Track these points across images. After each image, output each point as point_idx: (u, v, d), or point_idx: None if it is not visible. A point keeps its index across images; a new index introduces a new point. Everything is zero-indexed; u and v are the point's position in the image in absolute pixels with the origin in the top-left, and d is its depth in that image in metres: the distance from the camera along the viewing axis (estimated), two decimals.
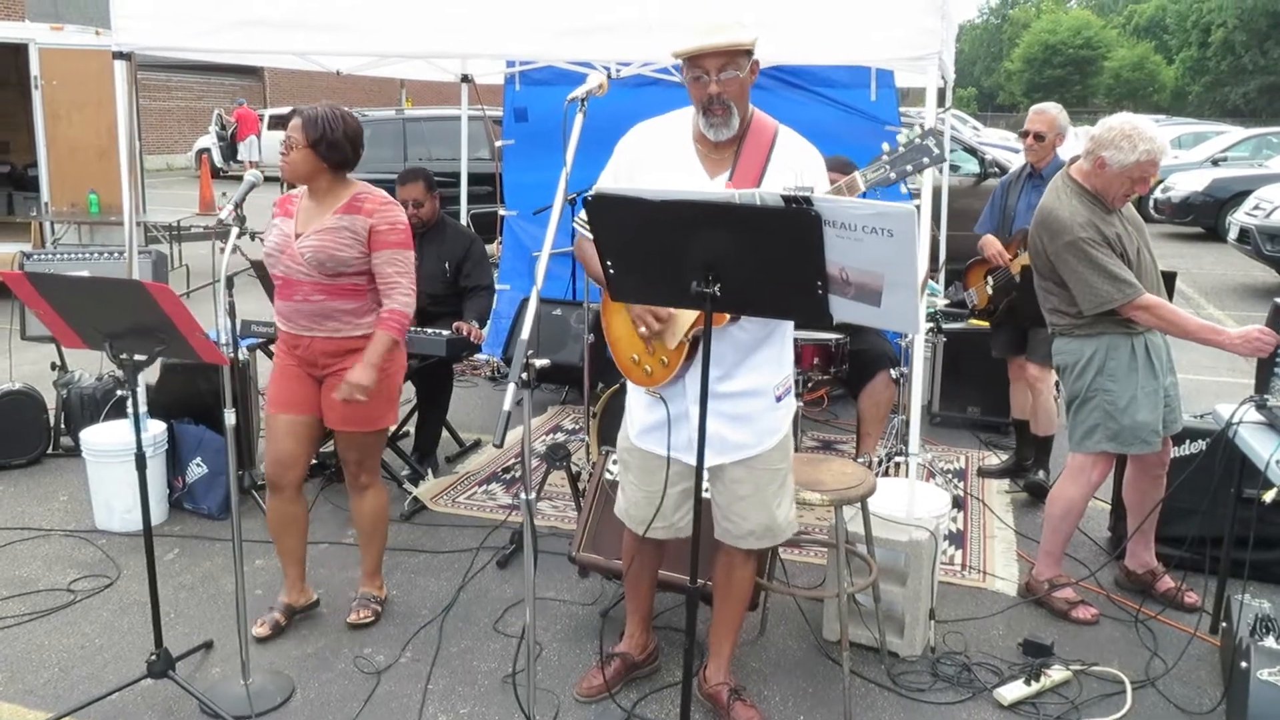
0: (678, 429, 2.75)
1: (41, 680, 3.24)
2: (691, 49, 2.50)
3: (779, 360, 2.78)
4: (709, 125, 2.58)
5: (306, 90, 24.06)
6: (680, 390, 2.74)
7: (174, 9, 4.17)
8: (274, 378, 3.43)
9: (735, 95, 2.54)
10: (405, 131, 10.93)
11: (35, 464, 5.08)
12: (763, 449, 2.77)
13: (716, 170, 2.66)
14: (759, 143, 2.64)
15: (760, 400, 2.73)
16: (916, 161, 2.42)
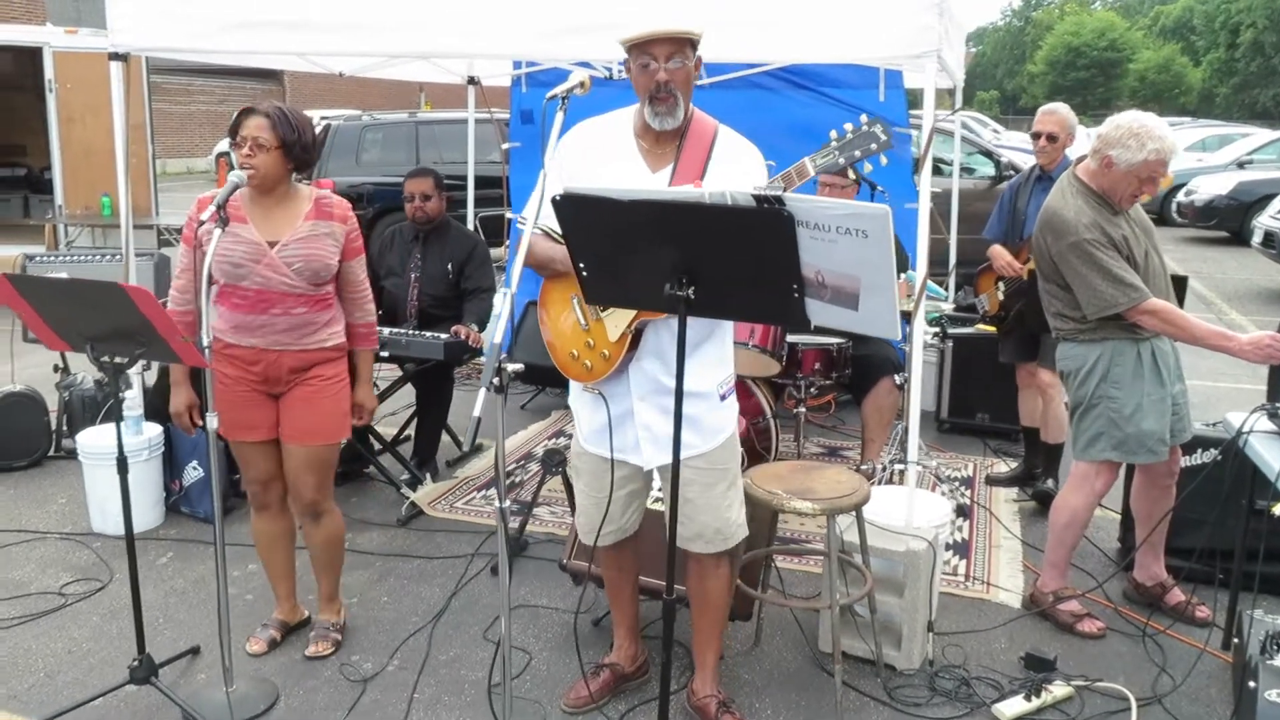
0: (623, 429, 2.72)
1: (26, 685, 3.22)
2: (642, 35, 2.51)
3: (720, 358, 2.76)
4: (654, 114, 2.57)
5: (327, 94, 24.19)
6: (624, 388, 2.71)
7: (171, 10, 4.15)
8: (227, 403, 3.14)
9: (682, 84, 2.55)
10: (418, 134, 10.93)
11: (36, 466, 5.08)
12: (709, 447, 2.73)
13: (659, 165, 2.65)
14: (700, 139, 2.65)
15: (704, 401, 2.68)
16: (864, 147, 2.43)
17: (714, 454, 2.73)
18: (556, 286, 2.76)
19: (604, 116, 2.75)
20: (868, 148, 2.44)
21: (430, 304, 5.00)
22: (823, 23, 3.42)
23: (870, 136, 2.43)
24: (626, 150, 2.68)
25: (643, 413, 2.70)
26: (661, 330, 2.64)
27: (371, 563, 4.09)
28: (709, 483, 2.74)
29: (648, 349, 2.66)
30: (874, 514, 3.38)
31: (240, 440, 3.25)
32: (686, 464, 2.66)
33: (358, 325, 3.32)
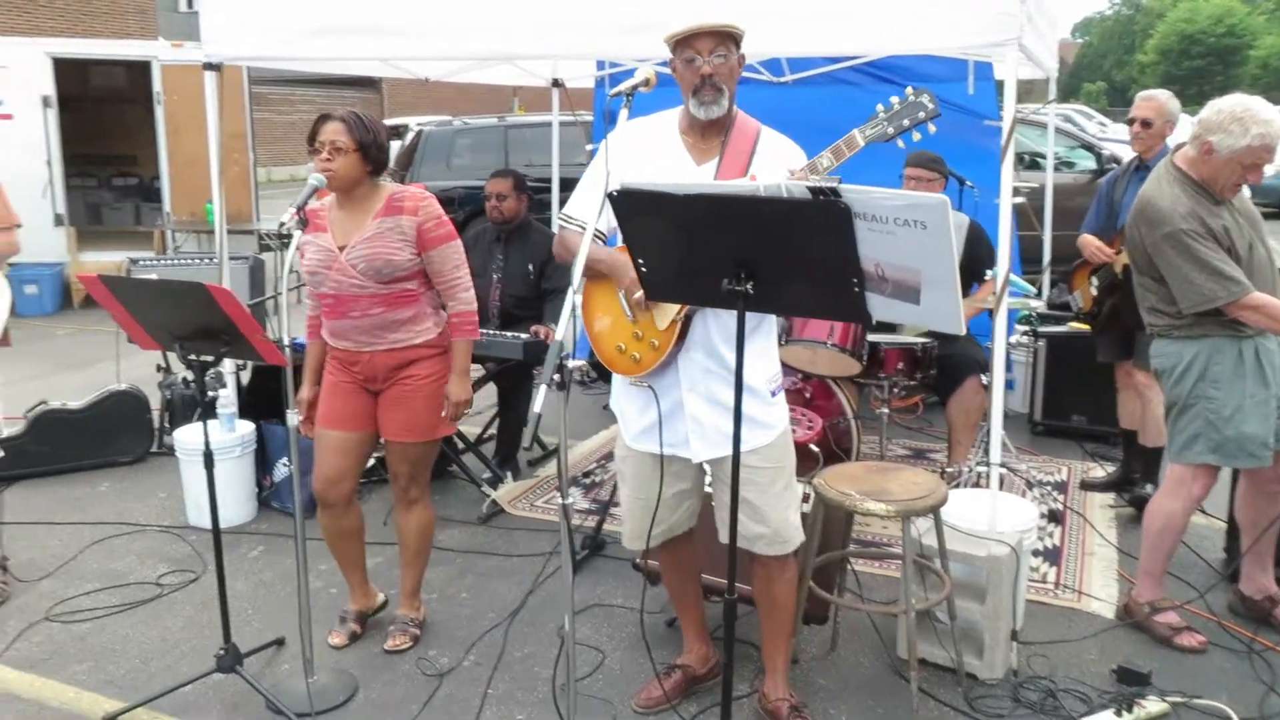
0: (673, 423, 2.68)
1: (122, 670, 3.35)
2: (686, 30, 2.55)
3: (767, 353, 2.74)
4: (699, 104, 2.59)
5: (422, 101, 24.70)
6: (674, 379, 2.68)
7: (258, 20, 4.28)
8: (324, 394, 3.35)
9: (725, 78, 2.58)
10: (507, 138, 11.07)
11: (140, 462, 5.30)
12: (761, 443, 2.67)
13: (703, 159, 2.67)
14: (744, 136, 2.67)
15: (753, 396, 2.63)
16: (913, 116, 2.41)
17: (766, 451, 2.68)
18: (601, 280, 2.76)
19: (649, 116, 2.75)
20: (916, 116, 2.42)
21: (512, 304, 5.06)
22: (896, 13, 3.33)
23: (918, 106, 2.41)
24: (671, 146, 2.68)
25: (691, 405, 2.67)
26: (710, 319, 2.62)
27: (452, 559, 4.15)
28: (764, 482, 2.69)
29: (696, 339, 2.64)
30: (954, 517, 3.29)
31: (325, 429, 3.34)
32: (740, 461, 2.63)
33: (451, 315, 3.30)
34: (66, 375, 7.08)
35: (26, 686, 3.25)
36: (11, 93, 9.38)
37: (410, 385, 3.27)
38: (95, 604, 3.80)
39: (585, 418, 6.04)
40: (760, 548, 2.74)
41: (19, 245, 3.82)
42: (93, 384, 5.58)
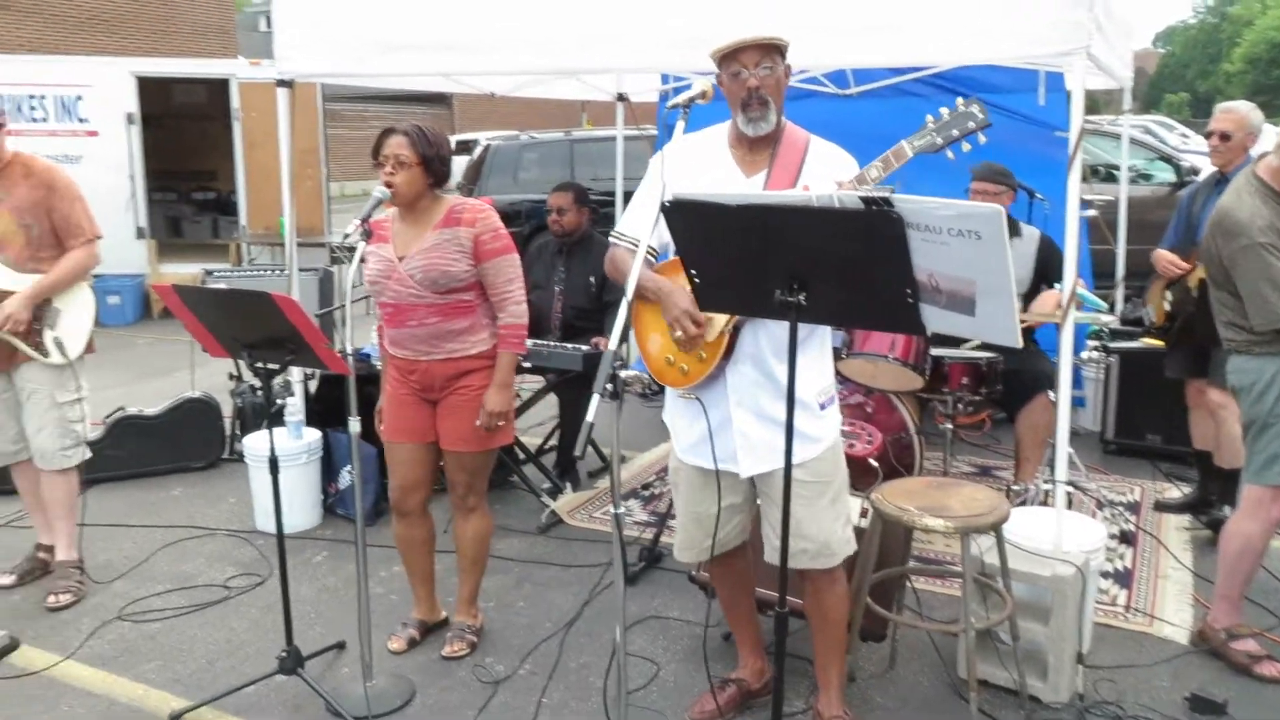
0: (722, 437, 2.66)
1: (189, 670, 3.44)
2: (731, 45, 2.55)
3: (818, 366, 2.71)
4: (747, 120, 2.59)
5: (491, 116, 25.06)
6: (722, 393, 2.67)
7: (329, 37, 4.39)
8: (388, 406, 3.42)
9: (772, 90, 2.58)
10: (573, 153, 11.18)
11: (211, 468, 5.44)
12: (808, 456, 2.64)
13: (752, 171, 2.67)
14: (793, 147, 2.67)
15: (802, 410, 2.57)
16: (962, 126, 2.37)
17: (813, 465, 2.66)
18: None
19: (699, 131, 2.75)
20: (965, 126, 2.39)
21: (574, 316, 5.09)
22: (959, 23, 3.29)
23: (968, 116, 2.38)
24: (720, 160, 2.69)
25: (739, 419, 2.66)
26: (759, 332, 2.60)
27: (510, 568, 4.18)
28: (811, 496, 2.66)
29: (745, 351, 2.63)
30: (1018, 535, 3.21)
31: (394, 441, 3.40)
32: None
33: (500, 326, 3.33)
34: (145, 383, 7.32)
35: (98, 683, 3.36)
36: (98, 110, 9.75)
37: (466, 395, 3.31)
38: (165, 605, 3.90)
39: (645, 430, 6.04)
40: (804, 562, 2.71)
41: (100, 257, 3.96)
42: (169, 391, 5.76)
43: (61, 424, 3.88)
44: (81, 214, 3.86)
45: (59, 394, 3.86)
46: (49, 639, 3.63)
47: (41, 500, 4.04)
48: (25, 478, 4.07)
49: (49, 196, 3.77)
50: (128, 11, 18.64)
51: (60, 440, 3.89)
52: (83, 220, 3.86)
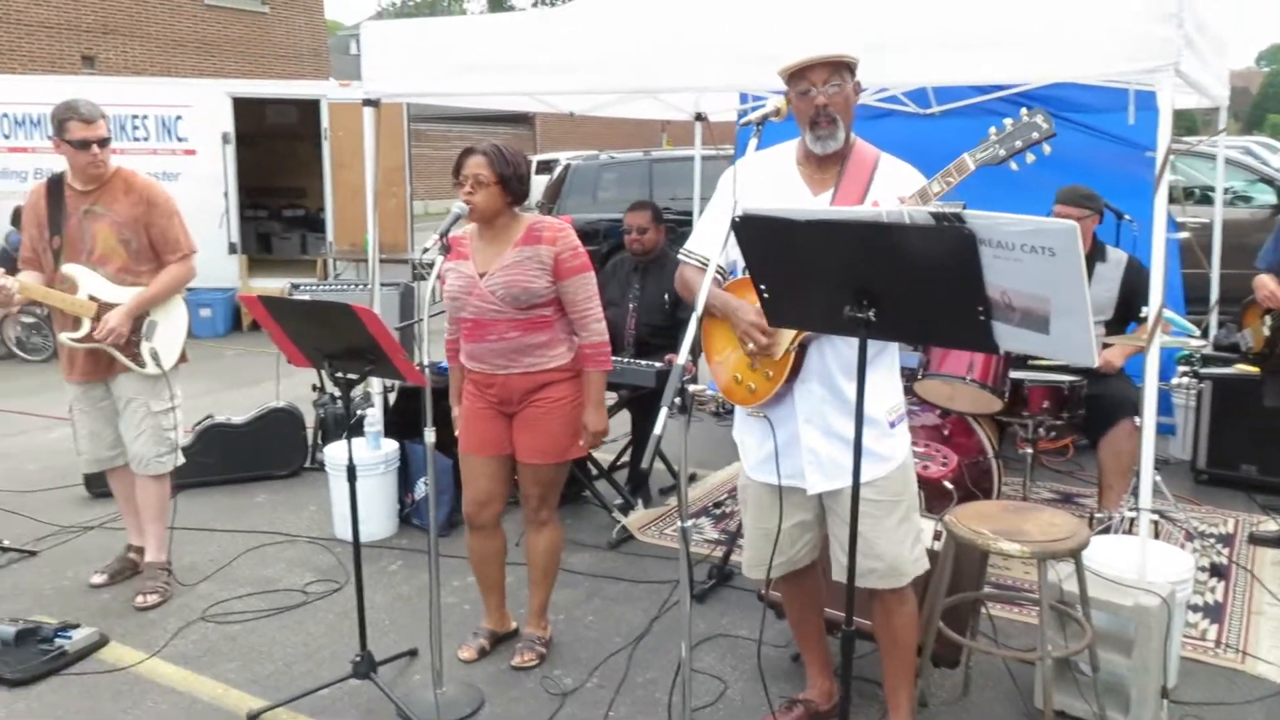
0: (790, 454, 2.66)
1: (267, 671, 3.53)
2: (799, 63, 2.55)
3: (887, 385, 2.69)
4: (816, 139, 2.60)
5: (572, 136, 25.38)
6: (789, 410, 2.66)
7: (414, 58, 4.52)
8: (465, 419, 3.47)
9: (840, 108, 2.57)
10: (651, 172, 11.25)
11: (294, 476, 5.58)
12: (876, 475, 2.61)
13: (820, 189, 2.66)
14: (862, 165, 2.65)
15: (872, 427, 2.55)
16: (1025, 137, 2.33)
17: (882, 483, 2.63)
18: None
19: (768, 149, 2.75)
20: (1029, 137, 2.35)
21: (647, 333, 5.12)
22: (1042, 41, 3.23)
23: (1031, 126, 2.34)
24: (788, 177, 2.69)
25: (807, 436, 2.65)
26: (825, 348, 2.59)
27: (580, 582, 4.20)
28: (879, 515, 2.63)
29: (812, 369, 2.62)
30: (1099, 563, 3.12)
31: (470, 454, 3.45)
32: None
33: (584, 346, 3.36)
34: (233, 392, 7.56)
35: (181, 681, 3.47)
36: (196, 130, 10.15)
37: (543, 407, 3.34)
38: (246, 607, 4.02)
39: (718, 448, 6.03)
40: (872, 582, 2.68)
41: (196, 271, 4.12)
42: (256, 401, 5.93)
43: (156, 431, 4.03)
44: (179, 230, 4.01)
45: (154, 403, 4.02)
46: (136, 637, 3.76)
47: (135, 504, 4.19)
48: (121, 482, 4.23)
49: (148, 212, 3.93)
50: (226, 36, 19.39)
51: (155, 447, 4.04)
52: (180, 236, 4.01)
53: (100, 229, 3.88)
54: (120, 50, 17.59)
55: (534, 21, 4.76)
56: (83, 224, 3.88)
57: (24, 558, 4.47)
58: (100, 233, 3.88)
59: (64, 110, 3.79)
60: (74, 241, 3.88)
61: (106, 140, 3.85)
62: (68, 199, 3.89)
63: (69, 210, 3.88)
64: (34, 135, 9.97)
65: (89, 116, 3.78)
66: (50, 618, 3.81)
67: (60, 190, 3.90)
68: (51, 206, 3.89)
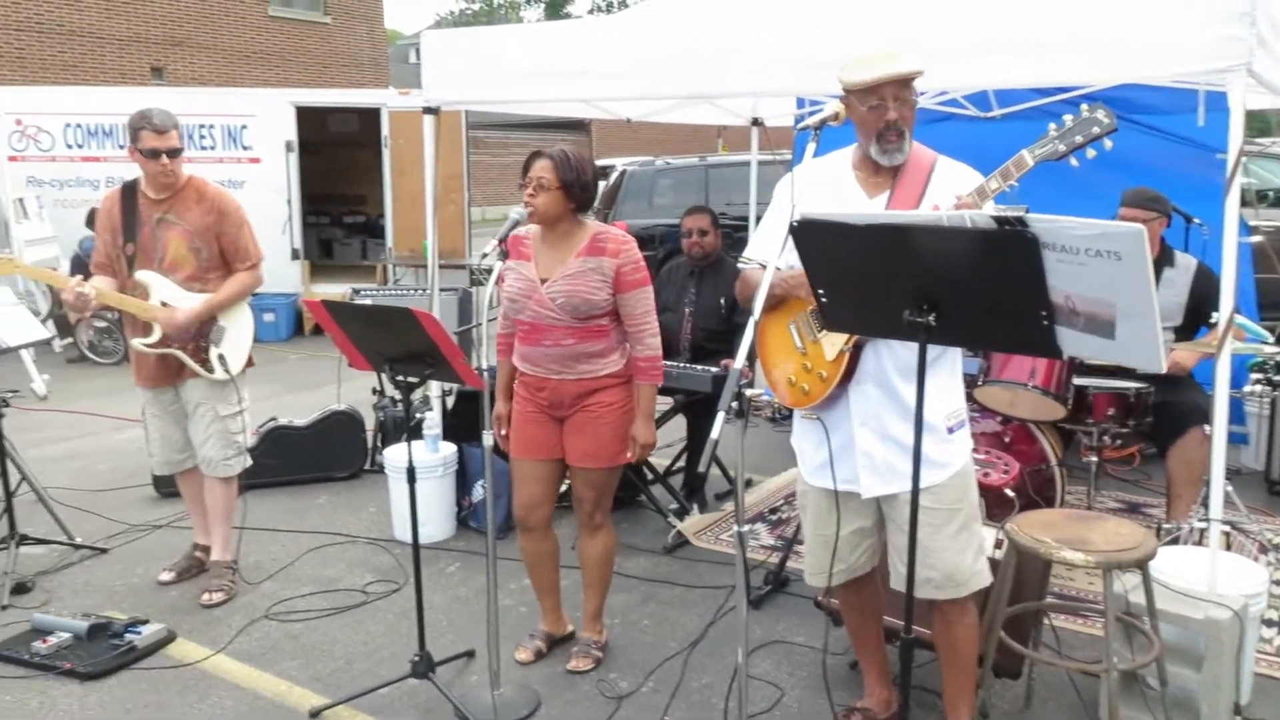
0: (845, 458, 2.63)
1: (329, 669, 3.59)
2: (874, 79, 2.52)
3: (947, 389, 2.65)
4: (883, 151, 2.58)
5: (629, 142, 25.43)
6: (844, 413, 2.64)
7: (471, 66, 4.57)
8: (515, 422, 3.49)
9: (909, 121, 2.57)
10: (707, 178, 11.24)
11: (354, 478, 5.67)
12: (933, 481, 2.56)
13: (875, 192, 2.64)
14: (918, 167, 2.63)
15: (929, 433, 2.48)
16: (1086, 132, 2.27)
17: (939, 490, 2.59)
18: (773, 313, 2.75)
19: (824, 156, 2.73)
20: (1090, 132, 2.29)
21: (703, 337, 5.11)
22: (1106, 42, 3.16)
23: (1092, 121, 2.29)
24: (843, 182, 2.68)
25: (863, 439, 2.63)
26: (882, 350, 2.57)
27: (635, 587, 4.21)
28: (936, 523, 2.59)
29: (867, 370, 2.60)
30: (1167, 574, 3.05)
31: (520, 458, 3.48)
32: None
33: (637, 359, 3.38)
34: (296, 395, 7.70)
35: (245, 677, 3.54)
36: (260, 138, 10.38)
37: (594, 412, 3.36)
38: (308, 606, 4.09)
39: (775, 454, 6.00)
40: (929, 592, 2.64)
41: (263, 279, 4.21)
42: (317, 404, 6.04)
43: (224, 435, 4.13)
44: (249, 239, 4.10)
45: (222, 407, 4.11)
46: (203, 633, 3.85)
47: (202, 504, 4.29)
48: (189, 483, 4.34)
49: (219, 222, 4.01)
50: (290, 46, 19.79)
51: (224, 450, 4.13)
52: (250, 245, 4.10)
53: (172, 237, 3.97)
54: (188, 62, 18.04)
55: (591, 28, 4.80)
56: (155, 232, 3.97)
57: (95, 555, 4.60)
58: (172, 241, 3.97)
59: (138, 119, 3.88)
60: (146, 249, 3.97)
61: (178, 151, 3.93)
62: (141, 206, 3.99)
63: (142, 218, 3.98)
64: (105, 145, 10.27)
65: (161, 126, 3.86)
66: (120, 613, 3.92)
67: (134, 197, 4.00)
68: (125, 213, 3.99)
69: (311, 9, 20.34)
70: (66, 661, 3.53)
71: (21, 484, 4.71)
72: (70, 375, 8.70)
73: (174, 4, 17.76)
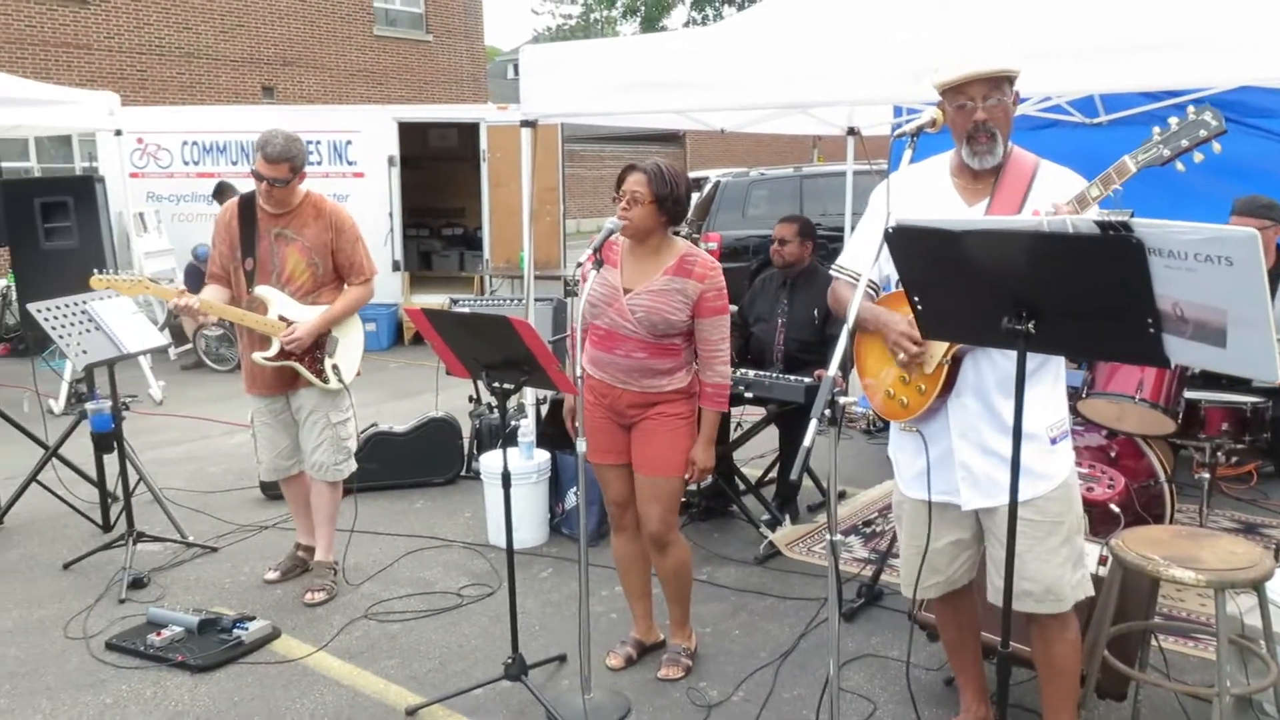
0: (944, 470, 2.58)
1: (425, 669, 3.67)
2: (958, 78, 2.48)
3: (1050, 399, 2.57)
4: (973, 154, 2.53)
5: (724, 154, 25.46)
6: (943, 425, 2.58)
7: (567, 79, 4.65)
8: (588, 428, 3.43)
9: (1000, 122, 2.50)
10: (802, 188, 11.18)
11: (451, 483, 5.79)
12: (1035, 494, 2.50)
13: (974, 199, 2.58)
14: (1019, 173, 2.56)
15: (1031, 443, 2.44)
16: (1192, 135, 2.18)
17: (1042, 503, 2.52)
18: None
19: (922, 162, 2.69)
20: (1196, 135, 2.20)
21: (796, 348, 5.08)
22: (1214, 44, 3.05)
23: (1198, 124, 2.20)
24: (941, 188, 2.63)
25: (961, 451, 2.58)
26: (981, 362, 2.51)
27: (726, 596, 4.20)
28: (1038, 535, 2.53)
29: (967, 383, 2.55)
30: None
31: (599, 463, 3.52)
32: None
33: (705, 384, 3.38)
34: (396, 403, 7.91)
35: (345, 674, 3.64)
36: (364, 154, 10.71)
37: (658, 420, 3.37)
38: (406, 607, 4.19)
39: (869, 466, 5.92)
40: (1029, 606, 2.58)
41: (374, 292, 4.34)
42: (416, 411, 6.19)
43: (335, 441, 4.26)
44: (363, 254, 4.23)
45: (334, 414, 4.25)
46: (305, 631, 3.98)
47: (309, 507, 4.44)
48: (295, 487, 4.49)
49: (336, 237, 4.14)
50: (393, 64, 20.39)
51: (334, 455, 4.27)
52: (363, 261, 4.23)
53: (290, 252, 4.11)
54: (297, 80, 18.74)
55: (685, 39, 4.83)
56: (273, 246, 4.10)
57: (206, 553, 4.80)
58: (290, 255, 4.11)
59: (260, 142, 4.00)
60: (264, 263, 4.10)
61: (283, 182, 3.98)
62: (260, 220, 4.11)
63: (261, 232, 4.10)
64: (220, 161, 10.73)
65: (271, 157, 3.95)
66: (229, 609, 4.09)
67: (252, 211, 4.12)
68: (244, 226, 4.11)
69: (414, 28, 20.94)
70: (179, 654, 3.69)
71: (139, 484, 4.95)
72: (184, 381, 9.09)
73: (285, 26, 18.49)
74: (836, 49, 4.01)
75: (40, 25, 15.48)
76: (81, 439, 4.96)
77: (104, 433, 4.66)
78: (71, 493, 5.29)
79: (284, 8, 18.48)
